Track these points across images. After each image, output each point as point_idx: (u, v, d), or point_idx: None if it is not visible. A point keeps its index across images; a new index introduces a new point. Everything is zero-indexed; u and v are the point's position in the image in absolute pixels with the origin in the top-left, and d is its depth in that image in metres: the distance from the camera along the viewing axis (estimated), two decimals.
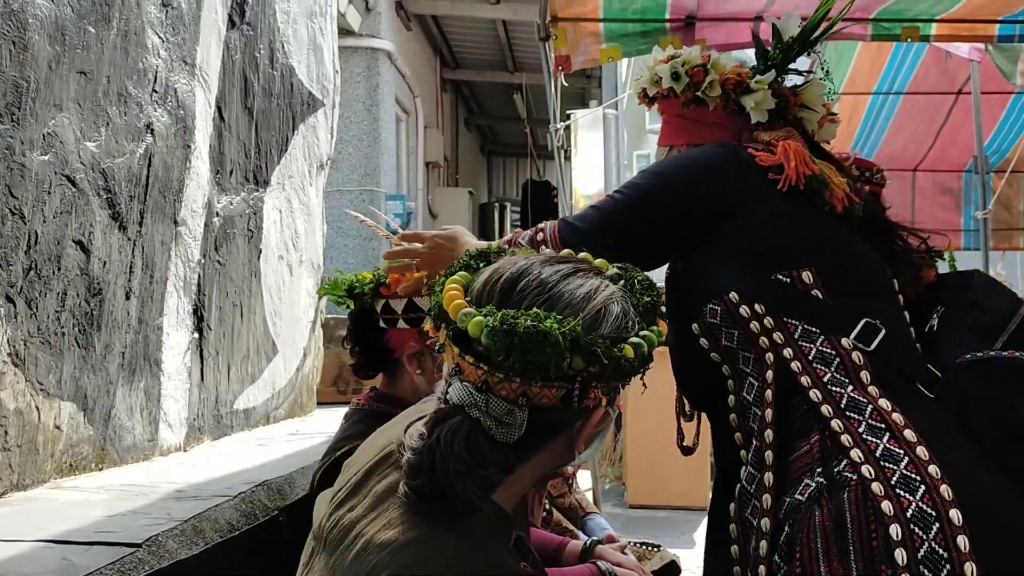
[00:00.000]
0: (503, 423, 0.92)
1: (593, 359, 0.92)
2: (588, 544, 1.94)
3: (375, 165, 7.47)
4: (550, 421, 0.95)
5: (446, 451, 0.92)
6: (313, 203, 3.52)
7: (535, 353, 0.89)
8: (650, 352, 0.99)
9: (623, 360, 0.94)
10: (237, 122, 2.82)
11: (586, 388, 0.94)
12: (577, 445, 1.01)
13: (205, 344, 2.63)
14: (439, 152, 9.61)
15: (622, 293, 1.02)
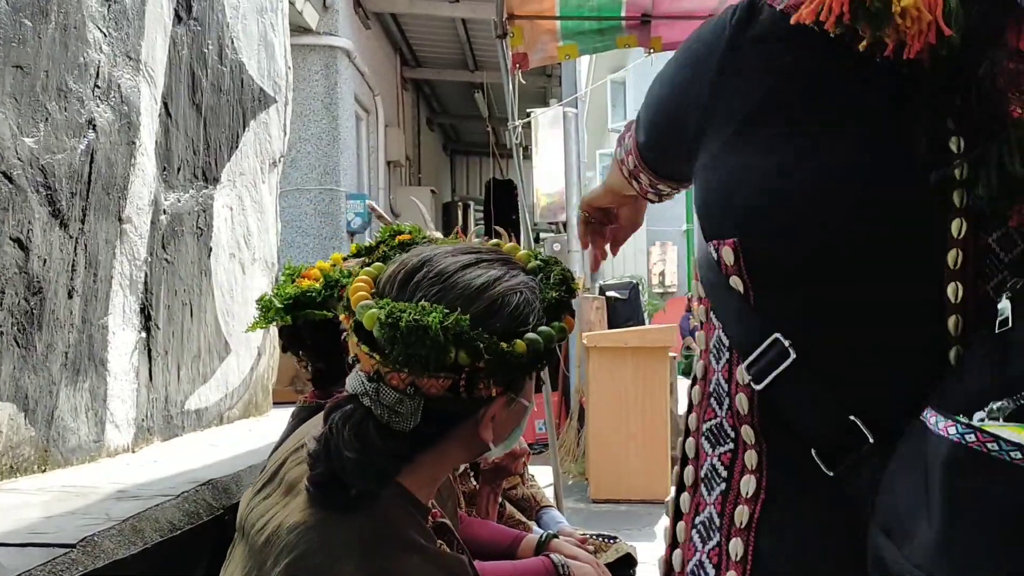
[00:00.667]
0: (395, 412, 0.93)
1: (477, 354, 0.92)
2: (543, 538, 1.94)
3: (335, 164, 7.42)
4: (445, 410, 0.96)
5: (338, 439, 0.94)
6: (266, 201, 3.48)
7: (416, 347, 0.90)
8: (548, 348, 0.99)
9: (511, 356, 0.94)
10: (185, 118, 2.78)
11: (473, 381, 0.94)
12: (484, 434, 1.01)
13: (153, 343, 2.59)
14: (400, 151, 9.56)
15: (530, 285, 1.02)
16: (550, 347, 0.99)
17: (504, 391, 0.99)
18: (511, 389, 1.00)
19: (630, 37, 4.62)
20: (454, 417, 0.98)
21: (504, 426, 1.05)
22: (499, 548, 1.92)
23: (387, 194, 9.11)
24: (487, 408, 0.99)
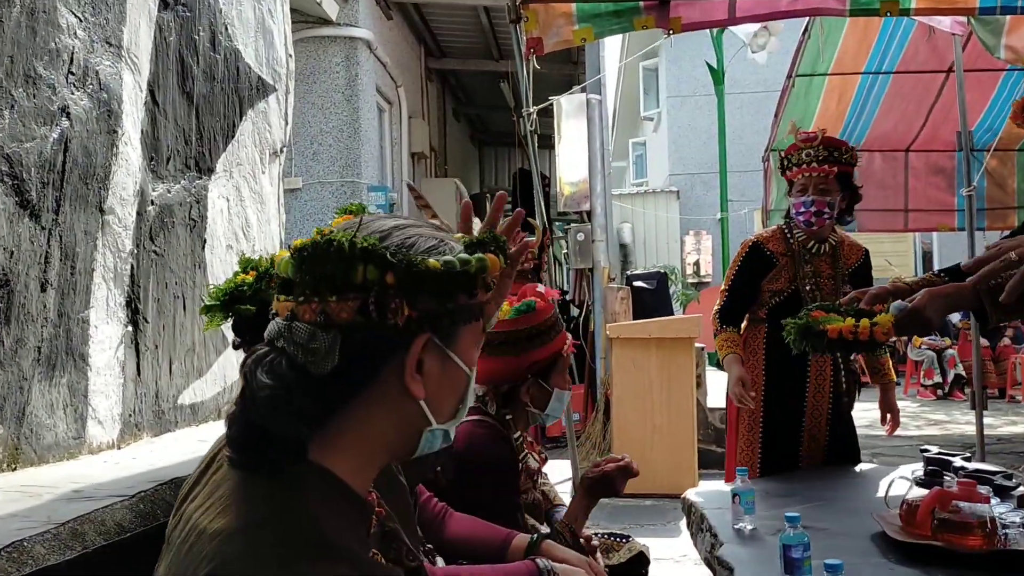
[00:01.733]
0: (309, 350, 0.88)
1: (386, 266, 0.88)
2: (535, 539, 1.85)
3: (356, 156, 7.37)
4: (362, 346, 0.90)
5: (252, 384, 0.88)
6: (267, 191, 3.41)
7: (321, 262, 0.88)
8: (467, 274, 0.94)
9: (424, 272, 0.90)
10: (174, 107, 2.72)
11: (383, 299, 0.89)
12: (410, 384, 0.93)
13: (141, 337, 2.53)
14: (425, 142, 9.50)
15: (454, 238, 0.99)
16: (469, 274, 0.94)
17: (424, 324, 0.92)
18: (436, 331, 0.94)
19: (648, 18, 4.47)
20: (375, 355, 0.92)
21: (440, 388, 0.97)
22: (489, 548, 1.83)
23: None
24: (407, 348, 0.92)
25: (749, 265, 3.14)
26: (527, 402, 2.13)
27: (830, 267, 3.14)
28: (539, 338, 2.08)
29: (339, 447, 0.93)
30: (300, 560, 0.82)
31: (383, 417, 0.95)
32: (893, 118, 7.29)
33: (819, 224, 3.05)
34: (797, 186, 3.09)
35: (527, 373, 2.09)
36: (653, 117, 18.93)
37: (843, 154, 3.04)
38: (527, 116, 5.02)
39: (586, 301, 7.76)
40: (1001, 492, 2.31)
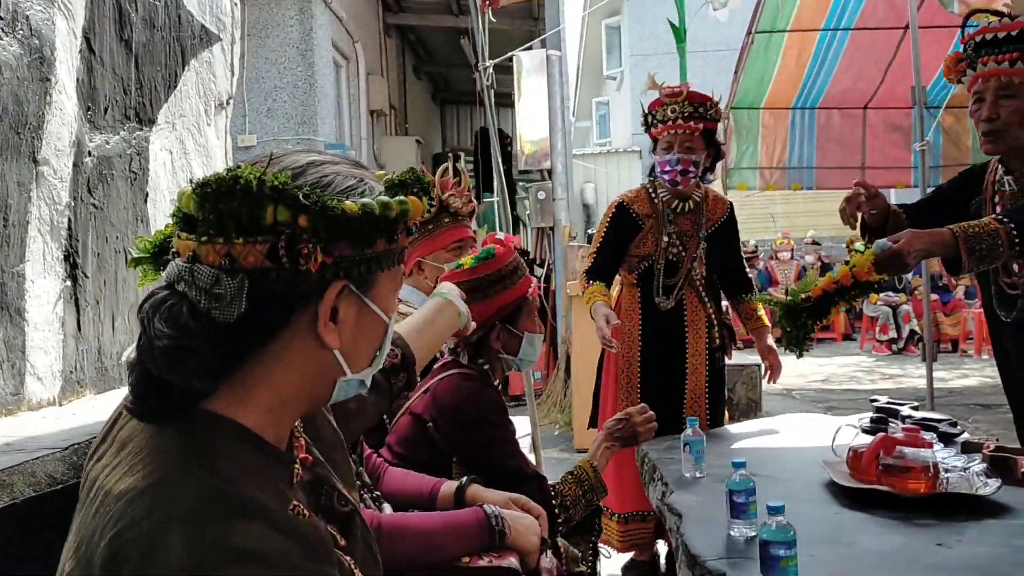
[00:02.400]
0: (213, 295, 0.82)
1: (299, 208, 0.82)
2: (463, 483, 1.85)
3: (312, 113, 7.24)
4: (271, 292, 0.84)
5: (149, 331, 0.82)
6: (213, 144, 3.32)
7: (226, 199, 0.81)
8: (386, 218, 0.88)
9: (338, 214, 0.84)
10: (112, 55, 2.62)
11: (294, 242, 0.83)
12: (324, 333, 0.89)
13: (81, 292, 2.46)
14: (384, 100, 9.35)
15: (375, 178, 0.94)
16: (389, 219, 0.89)
17: (340, 271, 0.88)
18: (352, 278, 0.89)
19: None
20: (285, 302, 0.86)
21: (356, 337, 0.93)
22: (420, 498, 1.83)
23: (370, 144, 8.92)
24: (320, 295, 0.87)
25: (616, 226, 3.09)
26: (499, 349, 2.14)
27: (692, 225, 3.11)
28: (502, 283, 2.08)
29: (249, 398, 0.89)
30: (210, 519, 0.78)
31: (295, 367, 0.91)
32: (852, 75, 7.31)
33: (684, 183, 3.01)
34: (662, 143, 3.03)
35: (495, 319, 2.10)
36: (616, 76, 18.82)
37: (708, 110, 2.99)
38: (483, 71, 4.94)
39: (547, 260, 7.75)
40: (945, 439, 2.36)
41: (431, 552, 1.61)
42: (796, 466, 2.34)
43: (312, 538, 0.86)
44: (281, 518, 0.83)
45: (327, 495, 1.00)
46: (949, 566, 1.55)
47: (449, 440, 2.00)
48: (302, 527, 0.86)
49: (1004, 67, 2.12)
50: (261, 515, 0.81)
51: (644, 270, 3.11)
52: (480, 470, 1.95)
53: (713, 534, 1.79)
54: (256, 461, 0.87)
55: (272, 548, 0.79)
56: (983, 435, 4.80)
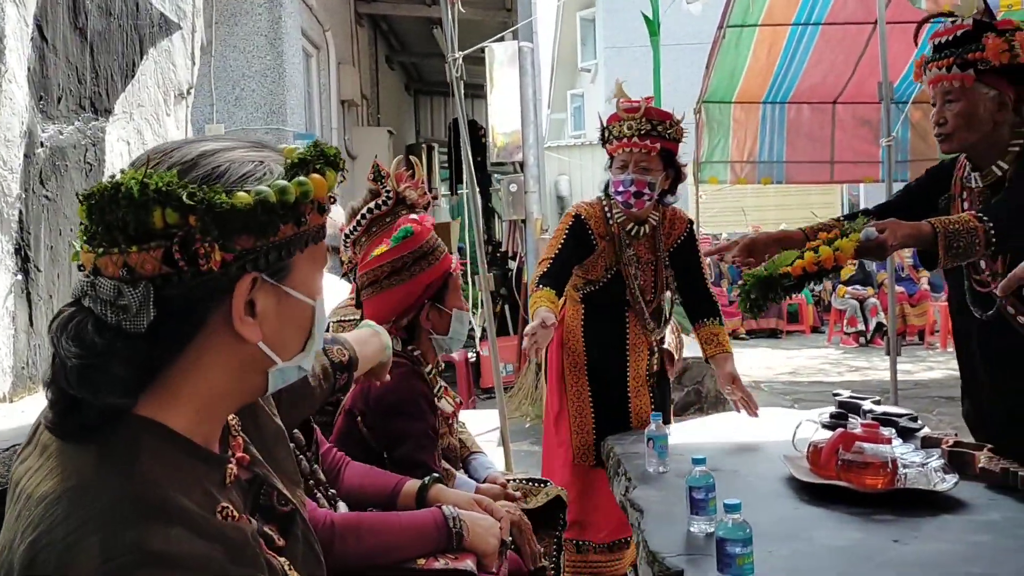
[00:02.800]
0: (118, 307, 0.80)
1: (184, 208, 0.79)
2: (426, 483, 1.83)
3: (281, 102, 7.13)
4: (178, 296, 0.82)
5: (59, 350, 0.81)
6: (172, 135, 3.26)
7: (111, 209, 0.78)
8: (285, 204, 0.85)
9: (230, 208, 0.81)
10: (65, 44, 2.55)
11: (188, 243, 0.80)
12: (240, 328, 0.86)
13: (33, 286, 2.40)
14: (355, 90, 9.25)
15: (275, 159, 0.90)
16: (287, 203, 0.85)
17: (246, 264, 0.85)
18: (262, 268, 0.86)
19: None
20: (195, 304, 0.84)
21: (281, 326, 0.91)
22: (380, 494, 1.81)
23: (341, 134, 8.83)
24: (229, 291, 0.85)
25: (572, 239, 2.87)
26: (429, 329, 2.13)
27: (650, 251, 2.95)
28: (424, 260, 2.07)
29: (173, 401, 0.86)
30: (128, 523, 0.76)
31: (219, 365, 0.88)
32: (822, 70, 7.36)
33: (638, 206, 2.81)
34: (617, 161, 2.83)
35: (423, 298, 2.09)
36: (591, 68, 18.82)
37: (667, 128, 2.77)
38: (453, 62, 4.90)
39: (519, 252, 7.73)
40: (905, 434, 2.37)
41: (387, 552, 1.59)
42: (758, 461, 2.35)
43: (238, 542, 0.84)
44: (204, 522, 0.81)
45: (266, 495, 0.98)
46: (904, 562, 1.56)
47: (376, 434, 1.98)
48: (228, 531, 0.84)
49: (943, 72, 2.15)
50: (181, 519, 0.79)
51: (589, 292, 2.99)
52: (403, 465, 1.93)
53: (673, 530, 1.79)
54: (182, 464, 0.85)
55: (191, 553, 0.77)
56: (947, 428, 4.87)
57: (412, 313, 2.10)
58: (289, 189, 0.85)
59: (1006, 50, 2.08)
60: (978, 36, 2.12)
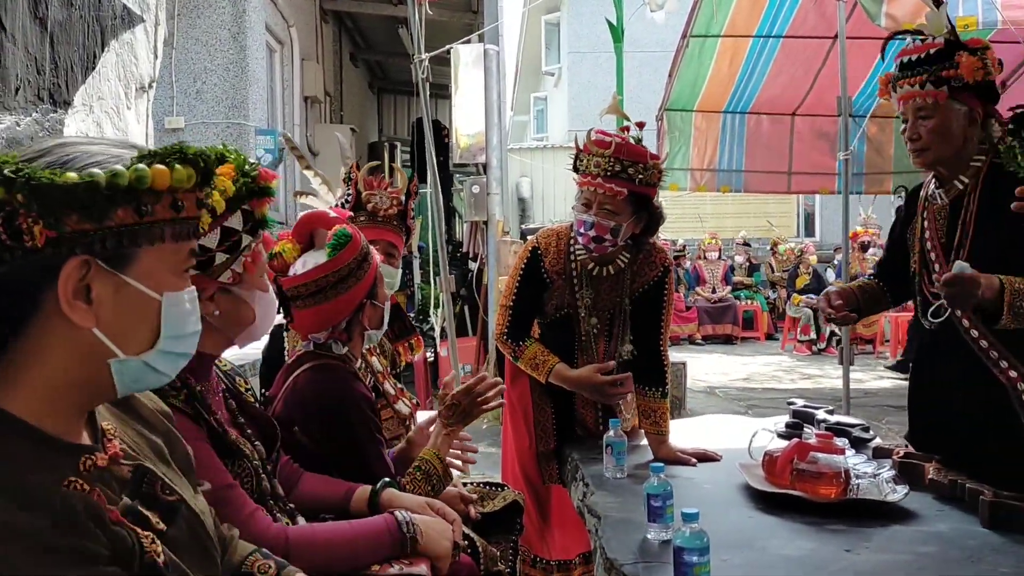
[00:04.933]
0: None
1: (9, 183, 0.80)
2: (377, 488, 1.82)
3: (243, 97, 7.07)
4: (9, 273, 0.84)
5: None
6: (133, 129, 3.21)
7: None
8: (130, 182, 0.86)
9: (51, 183, 0.82)
10: (24, 33, 2.50)
11: (11, 219, 0.81)
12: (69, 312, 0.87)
13: None
14: (319, 87, 9.20)
15: (133, 149, 0.92)
16: (118, 186, 0.86)
17: (75, 246, 0.85)
18: (95, 253, 0.87)
19: None
20: (26, 286, 0.85)
21: (120, 316, 0.91)
22: (332, 504, 1.80)
23: (303, 131, 8.77)
24: (61, 273, 0.86)
25: (527, 282, 2.66)
26: (365, 326, 2.08)
27: (614, 294, 2.68)
28: (366, 262, 2.02)
29: (15, 384, 0.89)
30: None
31: (57, 349, 0.90)
32: (782, 82, 7.48)
33: (598, 251, 2.54)
34: (581, 197, 2.50)
35: (364, 299, 2.04)
36: (554, 72, 18.89)
37: (640, 171, 2.42)
38: (419, 63, 4.90)
39: (480, 254, 7.74)
40: (858, 444, 2.43)
41: (341, 562, 1.58)
42: (714, 469, 2.38)
43: (76, 512, 0.86)
44: (30, 495, 0.83)
45: (149, 483, 1.00)
46: (856, 571, 1.60)
47: (316, 442, 1.93)
48: (68, 500, 0.86)
49: (916, 89, 2.20)
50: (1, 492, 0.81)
51: (544, 323, 2.78)
52: (350, 469, 1.90)
53: (630, 537, 1.81)
54: (19, 444, 0.87)
55: (8, 522, 0.79)
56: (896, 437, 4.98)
57: (353, 314, 2.05)
58: (121, 173, 0.86)
59: (980, 68, 2.12)
60: (950, 54, 2.15)
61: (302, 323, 1.99)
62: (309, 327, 1.99)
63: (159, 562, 0.92)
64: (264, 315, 1.55)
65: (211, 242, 1.43)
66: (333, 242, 1.94)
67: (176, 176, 0.90)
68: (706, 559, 1.49)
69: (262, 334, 1.61)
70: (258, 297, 1.52)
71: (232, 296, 1.49)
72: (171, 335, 0.96)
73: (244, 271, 1.49)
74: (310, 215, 2.07)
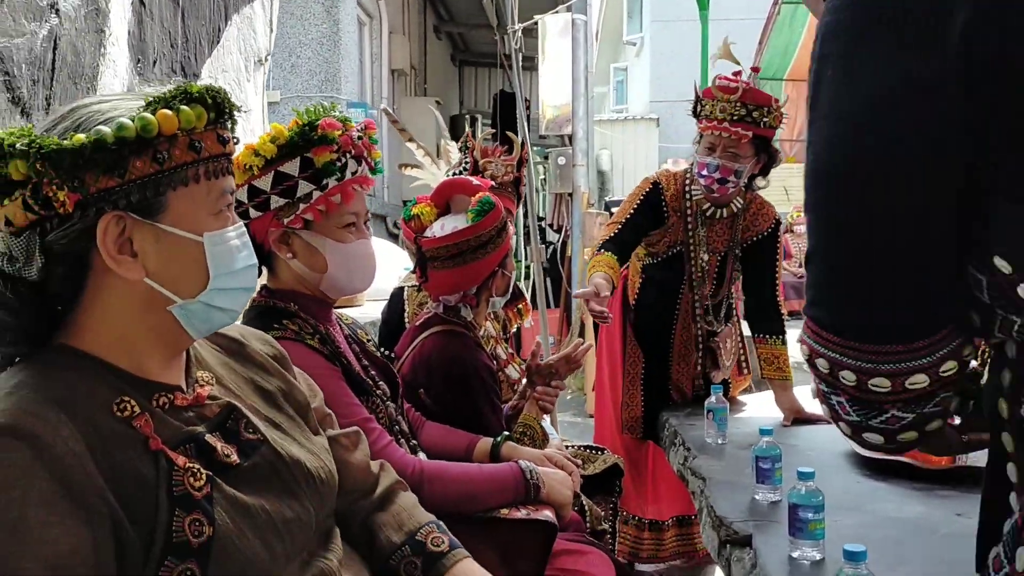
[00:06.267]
0: (10, 258, 0.89)
1: (25, 156, 0.86)
2: (498, 441, 1.91)
3: (335, 71, 7.23)
4: (57, 241, 0.89)
5: None
6: (251, 101, 3.37)
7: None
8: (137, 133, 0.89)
9: (60, 148, 0.86)
10: (160, 8, 2.66)
11: (37, 190, 0.87)
12: (114, 266, 0.92)
13: None
14: (405, 60, 9.32)
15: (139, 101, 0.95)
16: (127, 139, 0.89)
17: (104, 203, 0.89)
18: (125, 207, 0.91)
19: None
20: (76, 249, 0.91)
21: (167, 263, 0.96)
22: (454, 452, 1.89)
23: (391, 104, 8.92)
24: (97, 231, 0.90)
25: (644, 207, 2.76)
26: (492, 293, 2.14)
27: (726, 236, 2.78)
28: (504, 230, 2.07)
29: (89, 332, 0.95)
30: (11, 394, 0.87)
31: (119, 302, 0.95)
32: None
33: (720, 191, 2.65)
34: (705, 141, 2.62)
35: (497, 267, 2.10)
36: (636, 42, 18.64)
37: (764, 115, 2.55)
38: (512, 34, 4.96)
39: (564, 226, 7.78)
40: None
41: (469, 501, 1.66)
42: (817, 435, 2.41)
43: (119, 434, 0.90)
44: (79, 415, 0.88)
45: (234, 420, 1.05)
46: (969, 534, 1.62)
47: (440, 405, 2.01)
48: (113, 423, 0.90)
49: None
50: (62, 407, 0.87)
51: (649, 264, 2.88)
52: (469, 431, 1.97)
53: (737, 497, 1.86)
54: (86, 372, 0.92)
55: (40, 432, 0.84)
56: None
57: (484, 281, 2.12)
58: (126, 126, 0.88)
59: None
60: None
61: (437, 284, 2.04)
62: (443, 288, 2.05)
63: (193, 495, 0.93)
64: (344, 267, 1.58)
65: (264, 184, 1.50)
66: (477, 208, 1.99)
67: (184, 117, 0.91)
68: (821, 516, 1.53)
69: (351, 288, 1.64)
70: (330, 246, 1.56)
71: (303, 241, 1.56)
72: (222, 272, 0.99)
73: (313, 219, 1.53)
74: (451, 181, 2.13)
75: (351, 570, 1.18)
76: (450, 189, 2.09)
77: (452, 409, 2.00)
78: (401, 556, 1.26)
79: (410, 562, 1.25)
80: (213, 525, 0.93)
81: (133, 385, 0.95)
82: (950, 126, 0.66)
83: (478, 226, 2.00)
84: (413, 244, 2.06)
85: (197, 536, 0.91)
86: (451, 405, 2.00)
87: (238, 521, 0.96)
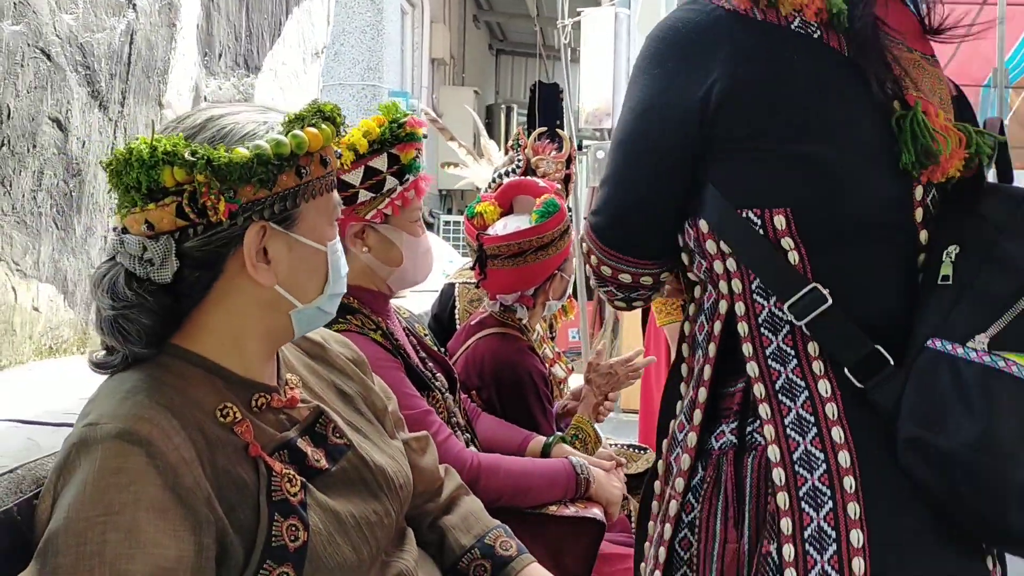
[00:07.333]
0: (144, 261, 0.91)
1: (189, 165, 0.89)
2: (551, 440, 1.92)
3: (378, 59, 7.27)
4: (197, 248, 0.93)
5: (96, 301, 0.94)
6: (309, 93, 3.41)
7: (127, 172, 0.89)
8: (292, 150, 0.94)
9: (230, 163, 0.90)
10: (227, 2, 2.70)
11: (195, 197, 0.90)
12: (255, 274, 0.96)
13: None
14: (445, 49, 9.35)
15: (277, 118, 0.99)
16: (283, 155, 0.93)
17: (253, 214, 0.94)
18: (270, 218, 0.95)
19: None
20: (214, 256, 0.94)
21: (295, 271, 1.00)
22: (507, 447, 1.90)
23: (430, 93, 8.96)
24: (245, 240, 0.94)
25: None
26: (549, 295, 2.13)
27: None
28: (567, 233, 2.07)
29: (203, 333, 0.98)
30: (128, 398, 0.90)
31: (242, 306, 0.99)
32: None
33: None
34: None
35: (556, 270, 2.09)
36: None
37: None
38: (562, 28, 4.95)
39: None
40: None
41: (522, 494, 1.68)
42: None
43: (222, 441, 0.94)
44: (189, 420, 0.92)
45: (322, 424, 1.08)
46: None
47: (492, 407, 2.02)
48: (216, 430, 0.94)
49: None
50: (172, 411, 0.91)
51: None
52: None
53: None
54: (197, 376, 0.96)
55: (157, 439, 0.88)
56: None
57: (542, 283, 2.10)
58: (284, 143, 0.93)
59: None
60: None
61: (496, 282, 2.04)
62: (501, 287, 2.05)
63: (290, 500, 0.96)
64: (413, 260, 1.61)
65: (354, 179, 1.53)
66: (542, 209, 2.00)
67: (324, 135, 0.97)
68: None
69: (414, 281, 1.67)
70: (406, 240, 1.59)
71: (379, 236, 1.58)
72: (336, 278, 1.04)
73: (391, 213, 1.56)
74: (516, 182, 2.14)
75: (424, 570, 1.21)
76: (515, 190, 2.10)
77: (504, 413, 2.01)
78: (471, 559, 1.29)
79: (479, 565, 1.28)
80: (308, 530, 0.96)
81: (237, 386, 0.99)
82: (687, 136, 1.01)
83: (541, 227, 2.00)
84: (475, 241, 2.07)
85: (294, 540, 0.94)
86: (503, 409, 2.01)
87: (329, 526, 1.00)
